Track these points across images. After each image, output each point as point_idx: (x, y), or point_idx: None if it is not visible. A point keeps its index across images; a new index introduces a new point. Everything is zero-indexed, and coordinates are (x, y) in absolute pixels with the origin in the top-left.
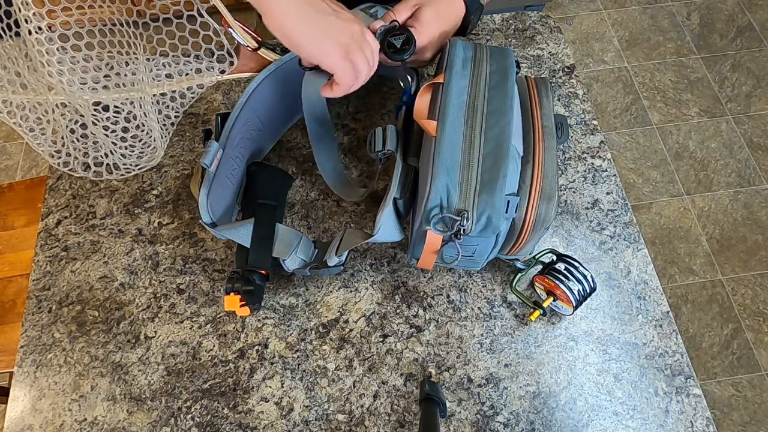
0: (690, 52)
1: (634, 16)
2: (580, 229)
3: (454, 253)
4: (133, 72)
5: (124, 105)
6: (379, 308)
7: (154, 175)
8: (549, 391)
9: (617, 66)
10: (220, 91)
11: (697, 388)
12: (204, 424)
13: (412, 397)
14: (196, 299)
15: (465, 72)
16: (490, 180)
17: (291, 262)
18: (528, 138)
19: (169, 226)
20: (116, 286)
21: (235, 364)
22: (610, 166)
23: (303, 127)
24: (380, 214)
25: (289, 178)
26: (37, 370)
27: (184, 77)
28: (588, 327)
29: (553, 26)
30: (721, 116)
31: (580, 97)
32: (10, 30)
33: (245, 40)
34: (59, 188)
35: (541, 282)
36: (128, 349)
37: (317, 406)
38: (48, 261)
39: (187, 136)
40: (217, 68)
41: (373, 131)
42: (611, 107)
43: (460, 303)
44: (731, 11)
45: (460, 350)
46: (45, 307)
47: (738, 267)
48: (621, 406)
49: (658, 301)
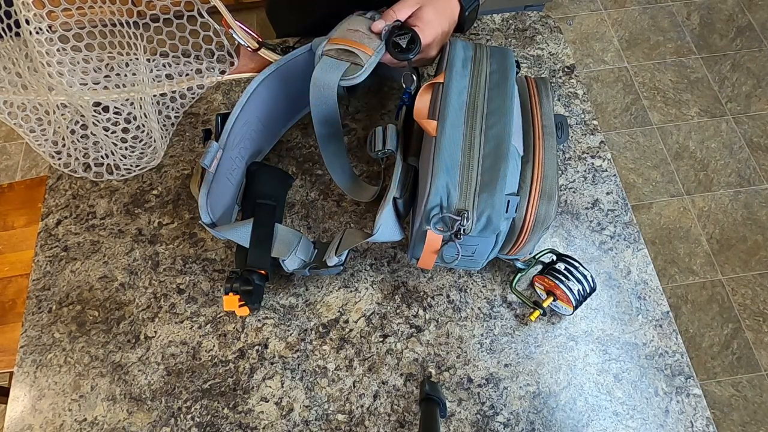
0: (690, 52)
1: (634, 16)
2: (580, 229)
3: (454, 253)
4: (134, 72)
5: (124, 106)
6: (379, 308)
7: (154, 175)
8: (549, 391)
9: (617, 66)
10: (220, 91)
11: (697, 388)
12: (204, 424)
13: (412, 397)
14: (196, 299)
15: (465, 72)
16: (490, 180)
17: (290, 262)
18: (528, 138)
19: (169, 226)
20: (116, 286)
21: (235, 364)
22: (610, 166)
23: (303, 127)
24: (380, 213)
25: (289, 178)
26: (37, 370)
27: (185, 77)
28: (588, 327)
29: (553, 26)
30: (721, 116)
31: (580, 97)
32: (11, 30)
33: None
34: (59, 188)
35: (541, 282)
36: (128, 349)
37: (317, 406)
38: (48, 261)
39: (187, 136)
40: (218, 68)
41: (374, 131)
42: (611, 107)
43: (460, 303)
44: (731, 11)
45: (460, 350)
46: (45, 307)
47: (738, 267)
48: (621, 406)
49: (658, 301)
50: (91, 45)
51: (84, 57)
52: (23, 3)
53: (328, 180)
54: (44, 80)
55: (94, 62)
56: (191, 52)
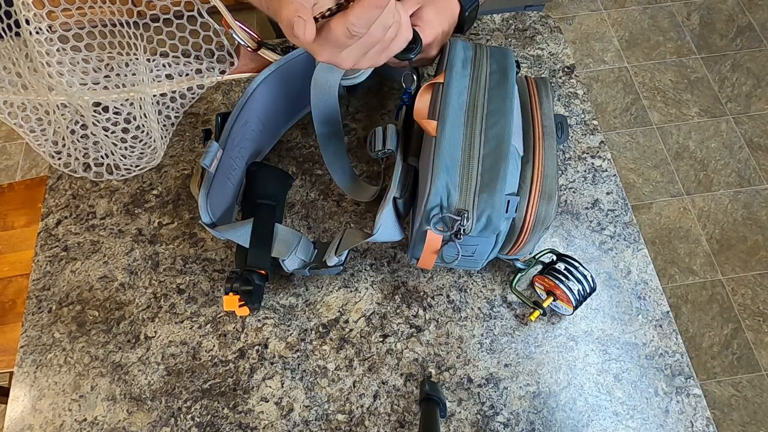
0: (690, 52)
1: (634, 16)
2: (580, 229)
3: (454, 253)
4: (134, 72)
5: (124, 106)
6: (379, 308)
7: (154, 175)
8: (549, 391)
9: (617, 66)
10: (220, 91)
11: (697, 388)
12: (204, 424)
13: (412, 397)
14: (196, 299)
15: (465, 72)
16: (490, 180)
17: (290, 262)
18: (528, 138)
19: (169, 226)
20: (116, 286)
21: (235, 364)
22: (610, 166)
23: (303, 127)
24: (380, 213)
25: (289, 178)
26: (37, 370)
27: (184, 78)
28: (588, 327)
29: (553, 26)
30: (721, 116)
31: (580, 97)
32: (11, 30)
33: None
34: (59, 188)
35: (541, 282)
36: (128, 349)
37: (317, 406)
38: (48, 261)
39: (187, 136)
40: (218, 68)
41: (373, 131)
42: (611, 107)
43: (460, 303)
44: (731, 11)
45: (460, 350)
46: (45, 307)
47: (738, 267)
48: (621, 406)
49: (658, 301)
50: (91, 45)
51: (84, 57)
52: (23, 3)
53: (328, 180)
54: (44, 80)
55: (94, 62)
56: (191, 52)
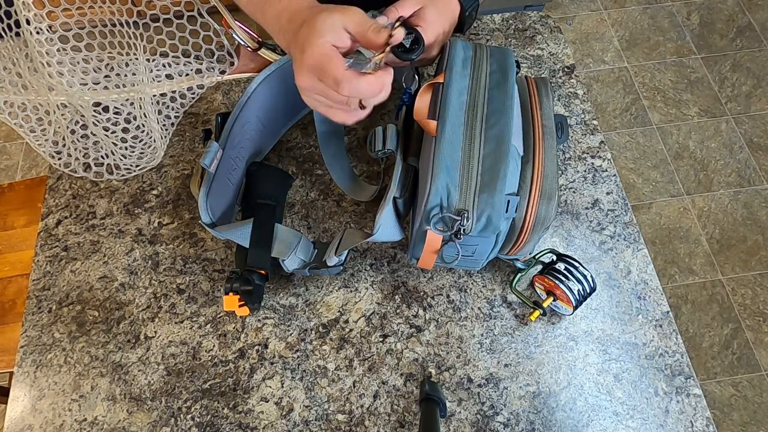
0: (690, 52)
1: (634, 16)
2: (580, 229)
3: (454, 253)
4: (133, 72)
5: (124, 106)
6: (379, 308)
7: (154, 175)
8: (549, 391)
9: (617, 66)
10: (220, 91)
11: (697, 388)
12: (204, 424)
13: (412, 397)
14: (196, 299)
15: (465, 72)
16: (490, 180)
17: (290, 262)
18: (528, 138)
19: (169, 226)
20: (116, 286)
21: (235, 364)
22: (610, 166)
23: (303, 127)
24: (380, 213)
25: (289, 178)
26: (37, 370)
27: (184, 78)
28: (588, 327)
29: (553, 26)
30: (721, 116)
31: (580, 97)
32: (11, 30)
33: (245, 41)
34: (59, 188)
35: (541, 282)
36: (128, 349)
37: (317, 406)
38: (48, 261)
39: (187, 136)
40: (218, 68)
41: (373, 131)
42: (611, 107)
43: (460, 303)
44: (731, 11)
45: (460, 350)
46: (45, 307)
47: (738, 267)
48: (621, 406)
49: (658, 301)
50: (91, 45)
51: (84, 57)
52: (23, 3)
53: (328, 180)
54: (44, 80)
55: (94, 62)
56: (191, 52)
